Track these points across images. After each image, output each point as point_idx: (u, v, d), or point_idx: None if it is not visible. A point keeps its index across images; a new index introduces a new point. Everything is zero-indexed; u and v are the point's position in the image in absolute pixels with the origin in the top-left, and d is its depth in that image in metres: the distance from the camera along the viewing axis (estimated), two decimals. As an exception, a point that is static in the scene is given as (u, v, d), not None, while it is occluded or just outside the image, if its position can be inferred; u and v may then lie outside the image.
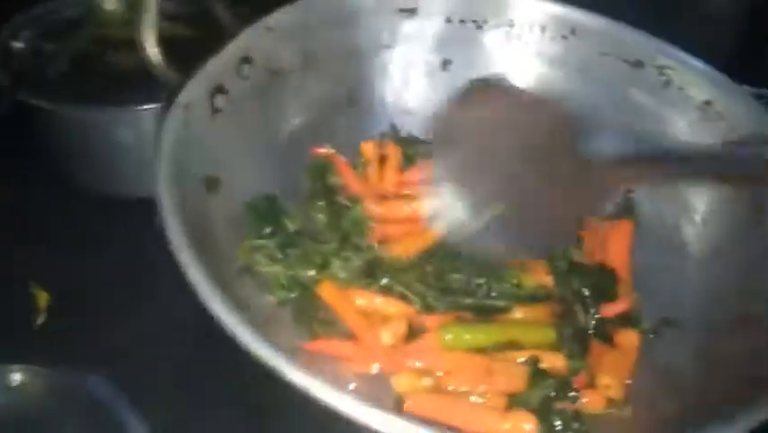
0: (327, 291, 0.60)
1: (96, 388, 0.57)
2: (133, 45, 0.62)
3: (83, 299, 0.68)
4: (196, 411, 0.60)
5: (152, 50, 0.60)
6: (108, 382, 0.57)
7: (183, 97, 0.58)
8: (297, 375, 0.41)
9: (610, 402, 0.57)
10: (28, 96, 0.70)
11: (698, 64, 0.70)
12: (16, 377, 0.57)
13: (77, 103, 0.72)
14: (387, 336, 0.57)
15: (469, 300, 0.61)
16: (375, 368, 0.56)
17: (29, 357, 0.58)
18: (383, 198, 0.69)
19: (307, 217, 0.67)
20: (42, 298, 0.67)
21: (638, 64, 0.72)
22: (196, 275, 0.46)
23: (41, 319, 0.66)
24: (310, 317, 0.60)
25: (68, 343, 0.63)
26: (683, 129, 0.70)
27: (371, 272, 0.62)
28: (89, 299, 0.68)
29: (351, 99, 0.77)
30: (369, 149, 0.74)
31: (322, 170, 0.71)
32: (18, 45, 0.76)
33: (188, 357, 0.64)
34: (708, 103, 0.69)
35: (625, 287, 0.65)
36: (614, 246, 0.68)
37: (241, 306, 0.46)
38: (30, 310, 0.66)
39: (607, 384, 0.57)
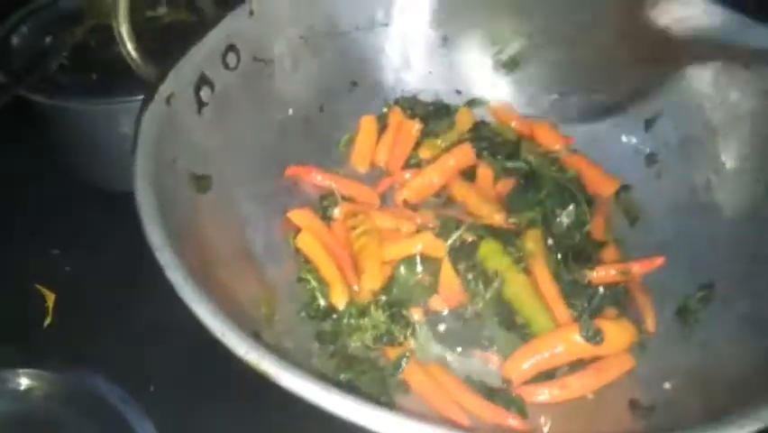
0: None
1: (100, 389, 0.56)
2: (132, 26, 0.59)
3: (87, 299, 0.66)
4: (198, 408, 0.58)
5: (128, 46, 0.56)
6: (112, 382, 0.56)
7: (164, 90, 0.55)
8: (287, 378, 0.38)
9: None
10: (27, 91, 0.68)
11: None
12: (24, 381, 0.57)
13: (77, 96, 0.69)
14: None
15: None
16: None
17: (36, 359, 0.57)
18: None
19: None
20: (49, 298, 0.66)
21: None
22: (178, 279, 0.43)
23: (48, 320, 0.65)
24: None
25: (72, 343, 0.62)
26: (707, 83, 0.64)
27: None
28: (93, 297, 0.66)
29: (348, 84, 0.73)
30: (368, 123, 0.71)
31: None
32: (17, 41, 0.74)
33: (190, 355, 0.61)
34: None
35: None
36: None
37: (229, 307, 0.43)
38: (35, 311, 0.65)
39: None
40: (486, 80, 0.75)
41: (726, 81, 0.64)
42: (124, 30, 0.55)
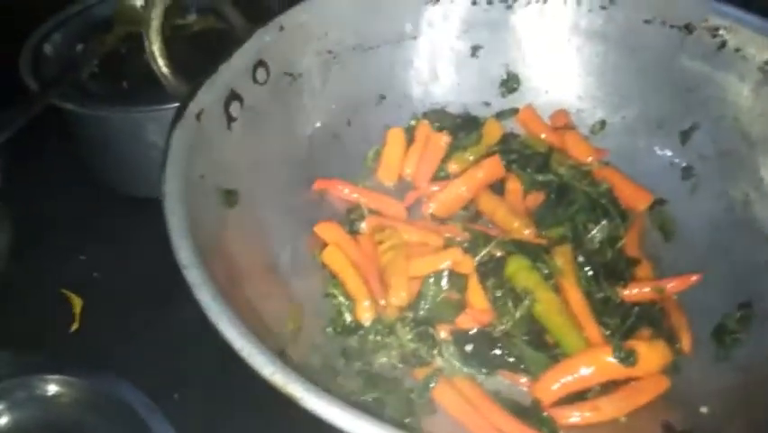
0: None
1: (126, 396, 0.56)
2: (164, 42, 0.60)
3: (113, 305, 0.66)
4: (222, 417, 0.58)
5: (160, 63, 0.57)
6: (138, 388, 0.57)
7: (194, 107, 0.55)
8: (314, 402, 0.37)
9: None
10: (58, 99, 0.69)
11: (755, 20, 0.63)
12: (51, 388, 0.58)
13: (108, 104, 0.71)
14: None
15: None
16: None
17: (63, 365, 0.58)
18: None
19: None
20: (77, 303, 0.66)
21: (688, 28, 0.65)
22: (206, 298, 0.43)
23: (74, 326, 0.65)
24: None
25: (99, 349, 0.62)
26: (745, 95, 0.63)
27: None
28: (120, 303, 0.67)
29: (376, 97, 0.73)
30: (395, 135, 0.70)
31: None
32: (49, 49, 0.76)
33: (216, 363, 0.60)
34: (770, 63, 0.61)
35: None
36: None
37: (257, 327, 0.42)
38: (61, 316, 0.65)
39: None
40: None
41: (766, 93, 0.62)
42: (156, 48, 0.56)
